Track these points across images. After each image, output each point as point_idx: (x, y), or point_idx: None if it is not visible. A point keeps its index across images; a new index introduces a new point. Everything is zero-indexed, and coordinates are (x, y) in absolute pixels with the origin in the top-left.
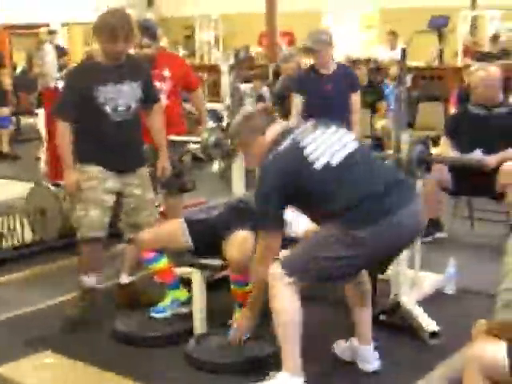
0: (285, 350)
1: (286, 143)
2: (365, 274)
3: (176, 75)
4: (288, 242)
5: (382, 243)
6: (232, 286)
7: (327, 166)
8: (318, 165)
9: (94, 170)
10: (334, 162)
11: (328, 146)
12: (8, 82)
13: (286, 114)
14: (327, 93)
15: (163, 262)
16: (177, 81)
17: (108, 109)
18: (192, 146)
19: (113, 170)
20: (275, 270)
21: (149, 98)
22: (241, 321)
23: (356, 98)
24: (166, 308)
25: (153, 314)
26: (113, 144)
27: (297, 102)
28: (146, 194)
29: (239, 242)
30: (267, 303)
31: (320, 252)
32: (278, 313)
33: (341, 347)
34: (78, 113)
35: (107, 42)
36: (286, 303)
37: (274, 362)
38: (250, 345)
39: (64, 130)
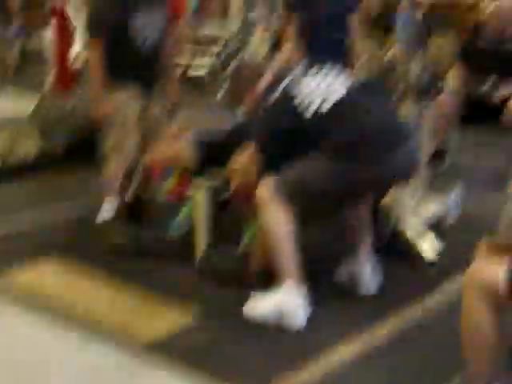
0: (284, 263)
1: (275, 94)
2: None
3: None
4: None
5: (377, 172)
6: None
7: (316, 114)
8: (308, 114)
9: (126, 94)
10: (324, 108)
11: (319, 92)
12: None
13: None
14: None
15: (173, 181)
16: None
17: (139, 38)
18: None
19: (139, 92)
20: (266, 189)
21: (165, 26)
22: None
23: (354, 22)
24: (179, 224)
25: (170, 232)
26: (142, 73)
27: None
28: (162, 113)
29: (241, 170)
30: None
31: (311, 174)
32: (269, 228)
33: (340, 272)
34: (109, 36)
35: None
36: (276, 217)
37: None
38: None
39: (98, 52)
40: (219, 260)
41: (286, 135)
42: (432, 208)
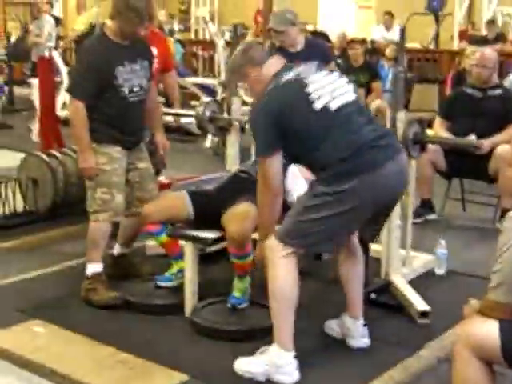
0: (277, 325)
1: (289, 76)
2: (354, 240)
3: (161, 54)
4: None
5: (368, 193)
6: (231, 259)
7: (326, 108)
8: (318, 105)
9: (113, 150)
10: (333, 106)
11: (329, 89)
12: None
13: None
14: None
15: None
16: (161, 60)
17: (125, 90)
18: (184, 121)
19: (126, 149)
20: (271, 241)
21: (150, 77)
22: (258, 248)
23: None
24: (172, 277)
25: (159, 283)
26: (128, 125)
27: None
28: (149, 167)
29: (238, 215)
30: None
31: (306, 215)
32: (273, 287)
33: (330, 325)
34: (95, 92)
35: (132, 24)
36: (282, 277)
37: None
38: (254, 313)
39: (80, 110)
40: (210, 314)
41: (287, 121)
42: (421, 259)
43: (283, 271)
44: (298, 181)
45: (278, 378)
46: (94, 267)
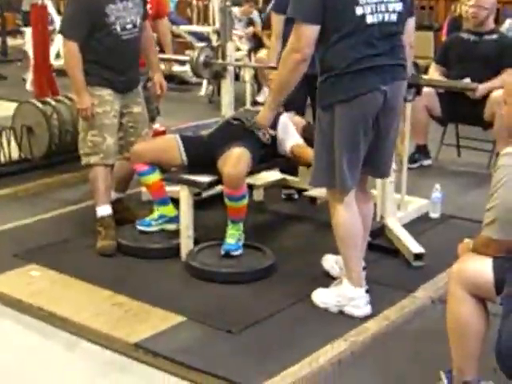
0: (346, 263)
1: None
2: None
3: (155, 1)
4: (279, 158)
5: (365, 107)
6: (227, 201)
7: (362, 17)
8: (359, 11)
9: (105, 93)
10: (369, 20)
11: (377, 1)
12: None
13: None
14: None
15: (155, 177)
16: (154, 6)
17: (118, 27)
18: (178, 69)
19: (118, 91)
20: (330, 194)
21: (144, 15)
22: (263, 111)
23: None
24: (152, 222)
25: (138, 227)
26: (121, 64)
27: (275, 23)
28: (144, 112)
29: (235, 157)
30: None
31: (328, 152)
32: (335, 228)
33: (329, 262)
34: (87, 32)
35: None
36: (341, 218)
37: (271, 275)
38: (249, 256)
39: (74, 51)
40: (206, 257)
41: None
42: (416, 203)
43: (341, 213)
44: (289, 130)
45: (349, 310)
46: (99, 210)
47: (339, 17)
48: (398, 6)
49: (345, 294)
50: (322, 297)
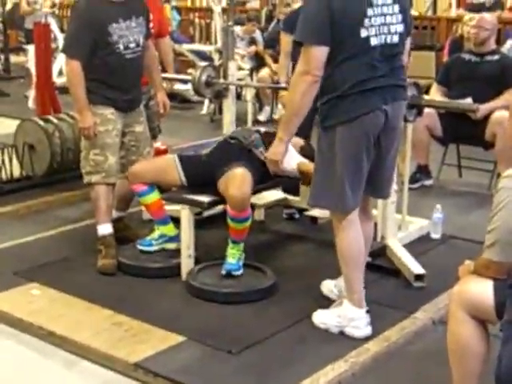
0: (348, 283)
1: None
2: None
3: (157, 20)
4: (281, 180)
5: (367, 127)
6: (230, 223)
7: (366, 40)
8: (363, 33)
9: (107, 111)
10: (373, 42)
11: (380, 23)
12: None
13: (277, 58)
14: None
15: (154, 196)
16: (156, 26)
17: (121, 46)
18: (180, 87)
19: (121, 111)
20: (334, 217)
21: (147, 34)
22: (275, 146)
23: None
24: (152, 241)
25: (139, 247)
26: (124, 83)
27: (284, 42)
28: (146, 131)
29: (239, 179)
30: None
31: (328, 173)
32: (339, 248)
33: (327, 287)
34: (89, 51)
35: None
36: (345, 239)
37: (272, 295)
38: (249, 276)
39: (77, 69)
40: (206, 277)
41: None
42: (417, 223)
43: (345, 234)
44: (290, 150)
45: (350, 331)
46: (100, 229)
47: (344, 38)
48: (400, 28)
49: (345, 315)
50: (323, 317)
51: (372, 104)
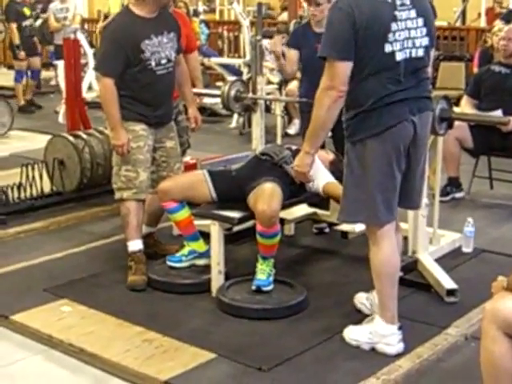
0: (381, 299)
1: None
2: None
3: (185, 35)
4: (310, 195)
5: (397, 138)
6: (259, 238)
7: (391, 55)
8: (388, 48)
9: (138, 127)
10: (399, 57)
11: (405, 37)
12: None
13: None
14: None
15: (184, 213)
16: (184, 41)
17: (153, 63)
18: (209, 101)
19: (152, 126)
20: (369, 229)
21: (178, 49)
22: (301, 159)
23: None
24: (182, 257)
25: (169, 263)
26: (156, 99)
27: (289, 56)
28: (177, 146)
29: (268, 194)
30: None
31: (358, 187)
32: (372, 263)
33: (360, 300)
34: (122, 68)
35: None
36: (380, 254)
37: (302, 310)
38: (279, 292)
39: (110, 87)
40: (236, 293)
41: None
42: (448, 237)
43: (379, 250)
44: (318, 167)
45: (382, 348)
46: (130, 245)
47: (369, 54)
48: (425, 41)
49: (377, 331)
50: (354, 334)
51: (400, 115)
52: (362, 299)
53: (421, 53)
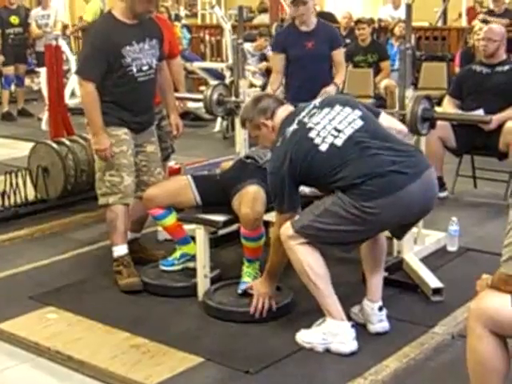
0: (321, 301)
1: (292, 126)
2: (382, 236)
3: (167, 40)
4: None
5: (391, 213)
6: (243, 241)
7: (332, 147)
8: (324, 147)
9: (121, 132)
10: (338, 142)
11: (331, 128)
12: None
13: None
14: (308, 50)
15: (172, 218)
16: (166, 46)
17: (134, 69)
18: (192, 106)
19: (133, 131)
20: (287, 230)
21: (160, 56)
22: (260, 289)
23: (339, 58)
24: (174, 261)
25: (161, 267)
26: (137, 105)
27: (275, 61)
28: (157, 151)
29: (252, 197)
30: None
31: (326, 219)
32: (299, 270)
33: (354, 310)
34: (103, 73)
35: (142, 2)
36: (303, 259)
37: (288, 313)
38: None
39: (91, 91)
40: (223, 296)
41: (302, 170)
42: (433, 236)
43: (302, 254)
44: None
45: (336, 347)
46: (117, 250)
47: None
48: (355, 120)
49: (330, 331)
50: (307, 337)
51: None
52: (355, 310)
53: (350, 129)
